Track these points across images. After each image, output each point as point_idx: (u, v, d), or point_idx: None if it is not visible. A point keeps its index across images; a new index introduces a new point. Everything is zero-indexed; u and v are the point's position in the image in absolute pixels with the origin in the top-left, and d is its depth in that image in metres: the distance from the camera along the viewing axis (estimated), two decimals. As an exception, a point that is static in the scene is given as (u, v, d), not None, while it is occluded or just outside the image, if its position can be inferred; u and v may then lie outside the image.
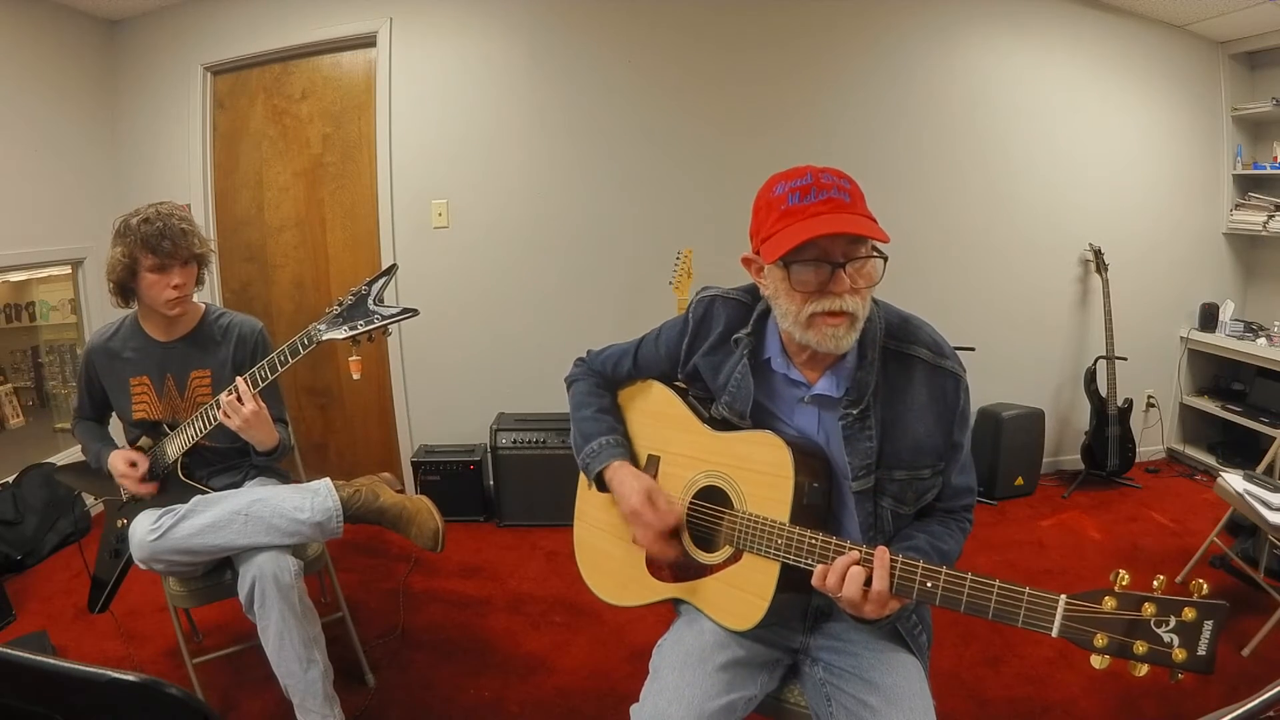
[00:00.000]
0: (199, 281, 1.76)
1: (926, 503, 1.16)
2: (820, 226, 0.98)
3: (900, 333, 1.14)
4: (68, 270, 3.17)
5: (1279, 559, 2.43)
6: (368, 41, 3.10)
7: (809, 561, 1.05)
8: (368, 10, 3.06)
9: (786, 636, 1.23)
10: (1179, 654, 0.78)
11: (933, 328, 1.16)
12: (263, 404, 1.62)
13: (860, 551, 1.00)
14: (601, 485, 1.31)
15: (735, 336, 1.20)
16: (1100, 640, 0.82)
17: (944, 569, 0.95)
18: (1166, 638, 0.79)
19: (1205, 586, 0.79)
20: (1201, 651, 0.77)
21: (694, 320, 1.25)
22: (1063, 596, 0.85)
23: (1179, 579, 2.51)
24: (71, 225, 3.08)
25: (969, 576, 0.92)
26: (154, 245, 1.62)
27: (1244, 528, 2.53)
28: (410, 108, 3.10)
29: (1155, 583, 0.82)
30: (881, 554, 0.97)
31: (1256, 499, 2.14)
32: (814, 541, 1.05)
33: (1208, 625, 0.77)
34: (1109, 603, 0.82)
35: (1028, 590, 0.88)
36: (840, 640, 1.19)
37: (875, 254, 1.03)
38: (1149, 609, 0.80)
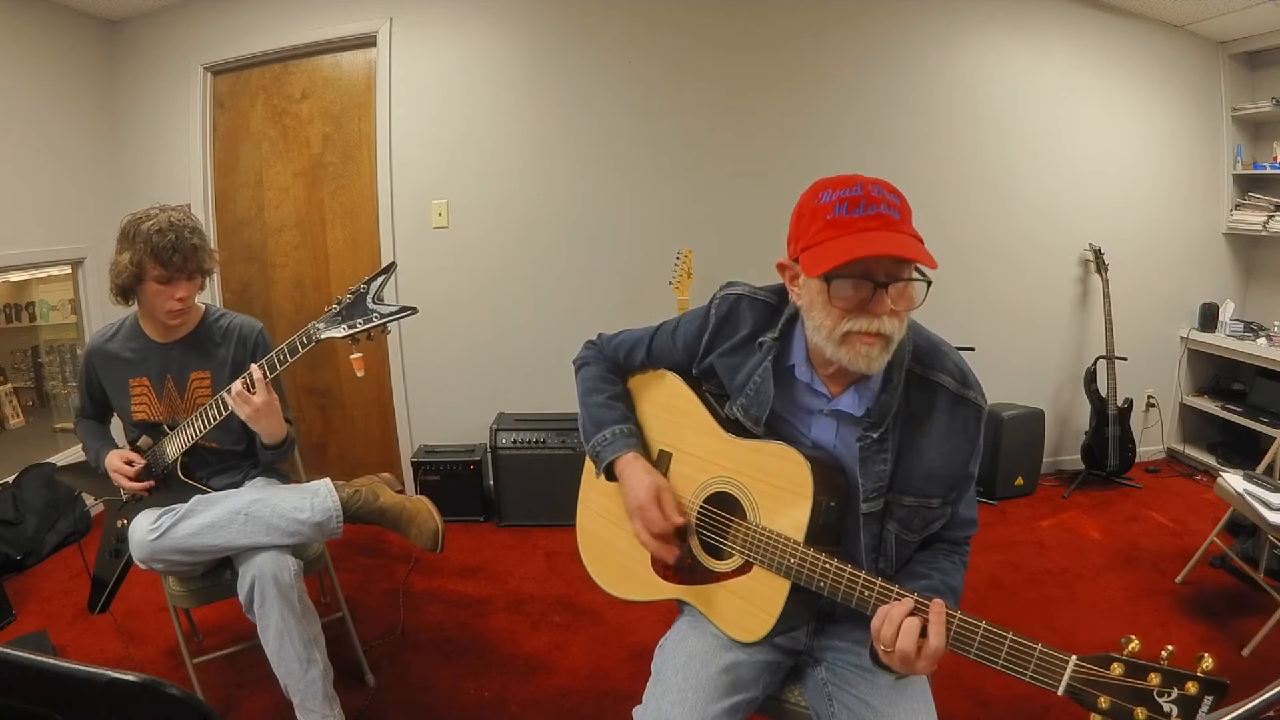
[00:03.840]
0: (199, 288, 1.76)
1: (931, 532, 1.14)
2: (868, 246, 0.95)
3: (927, 358, 1.10)
4: (68, 270, 3.17)
5: (1279, 559, 2.43)
6: (367, 41, 3.10)
7: (820, 586, 1.03)
8: (368, 10, 3.06)
9: (790, 639, 1.22)
10: None
11: (960, 356, 1.14)
12: (274, 394, 1.62)
13: (914, 600, 0.96)
14: (610, 475, 1.28)
15: (760, 339, 1.16)
16: (1104, 703, 0.84)
17: (959, 615, 0.94)
18: (1167, 708, 0.81)
19: (1210, 661, 0.81)
20: None
21: (716, 317, 1.21)
22: (1073, 658, 0.86)
23: (1179, 579, 2.51)
24: (71, 225, 3.08)
25: (982, 625, 0.92)
26: (165, 259, 1.61)
27: (1244, 528, 2.53)
28: (410, 108, 3.10)
29: (1164, 653, 0.84)
30: (939, 607, 0.93)
31: (1256, 499, 2.14)
32: (828, 567, 1.03)
33: (1208, 700, 0.80)
34: (1116, 669, 0.84)
35: (1039, 647, 0.88)
36: (843, 641, 1.19)
37: (919, 278, 1.01)
38: (1154, 678, 0.82)
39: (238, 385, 1.59)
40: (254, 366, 1.59)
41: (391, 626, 2.32)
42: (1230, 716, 0.63)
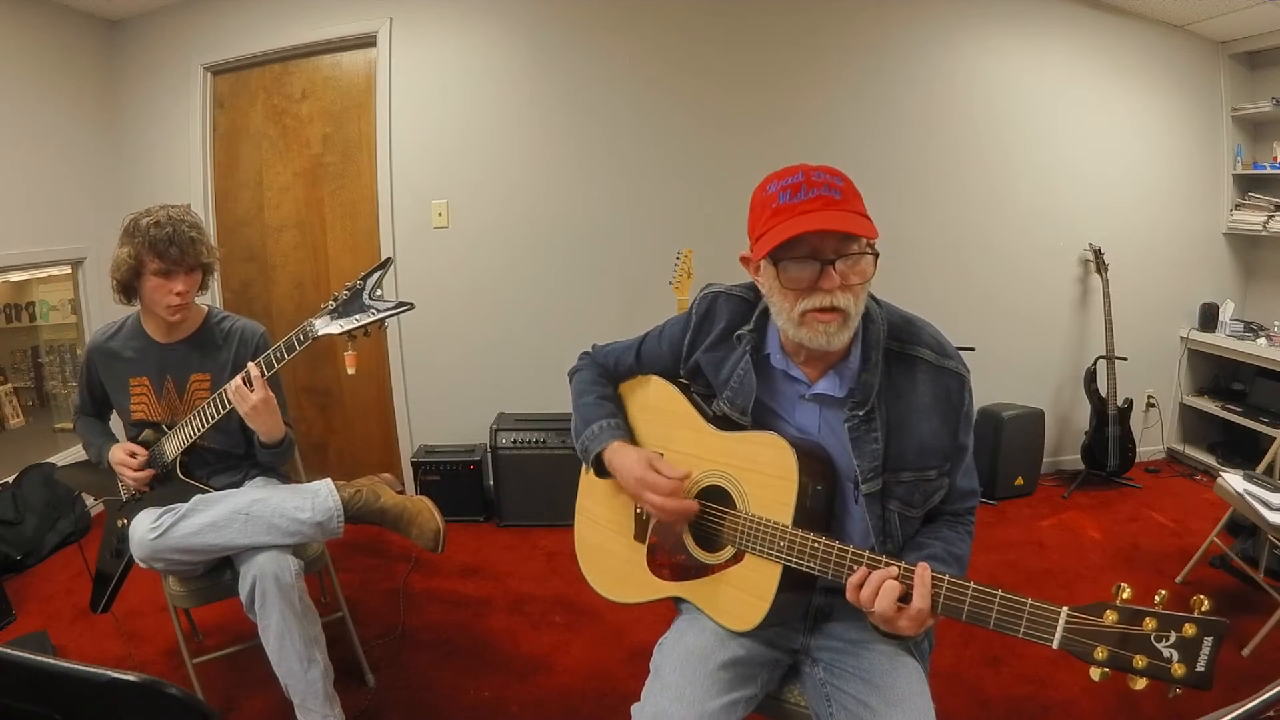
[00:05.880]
0: (203, 288, 1.76)
1: (933, 505, 1.16)
2: (808, 224, 0.99)
3: (903, 333, 1.13)
4: (68, 270, 3.17)
5: (1279, 559, 2.43)
6: (368, 41, 3.10)
7: (811, 565, 1.05)
8: (368, 10, 3.06)
9: (787, 637, 1.22)
10: (1178, 669, 0.79)
11: (936, 328, 1.17)
12: (271, 393, 1.62)
13: (899, 567, 0.97)
14: (601, 470, 1.30)
15: (738, 333, 1.20)
16: (1100, 653, 0.82)
17: (946, 578, 0.95)
18: (1166, 653, 0.79)
19: (1206, 602, 0.79)
20: (1200, 668, 0.78)
21: (697, 316, 1.26)
22: (1064, 609, 0.85)
23: (1179, 579, 2.51)
24: (71, 225, 3.08)
25: (971, 586, 0.92)
26: (161, 250, 1.61)
27: (1244, 528, 2.53)
28: (410, 108, 3.10)
29: (1157, 597, 0.82)
30: (923, 571, 0.95)
31: (1256, 499, 2.14)
32: (816, 545, 1.04)
33: (1207, 642, 0.78)
34: (1110, 616, 0.82)
35: (1030, 602, 0.87)
36: (841, 641, 1.19)
37: (867, 251, 1.03)
38: (1150, 624, 0.80)
39: (236, 381, 1.60)
40: (251, 365, 1.60)
41: (391, 626, 2.32)
42: (1230, 716, 0.63)
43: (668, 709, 1.08)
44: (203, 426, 1.68)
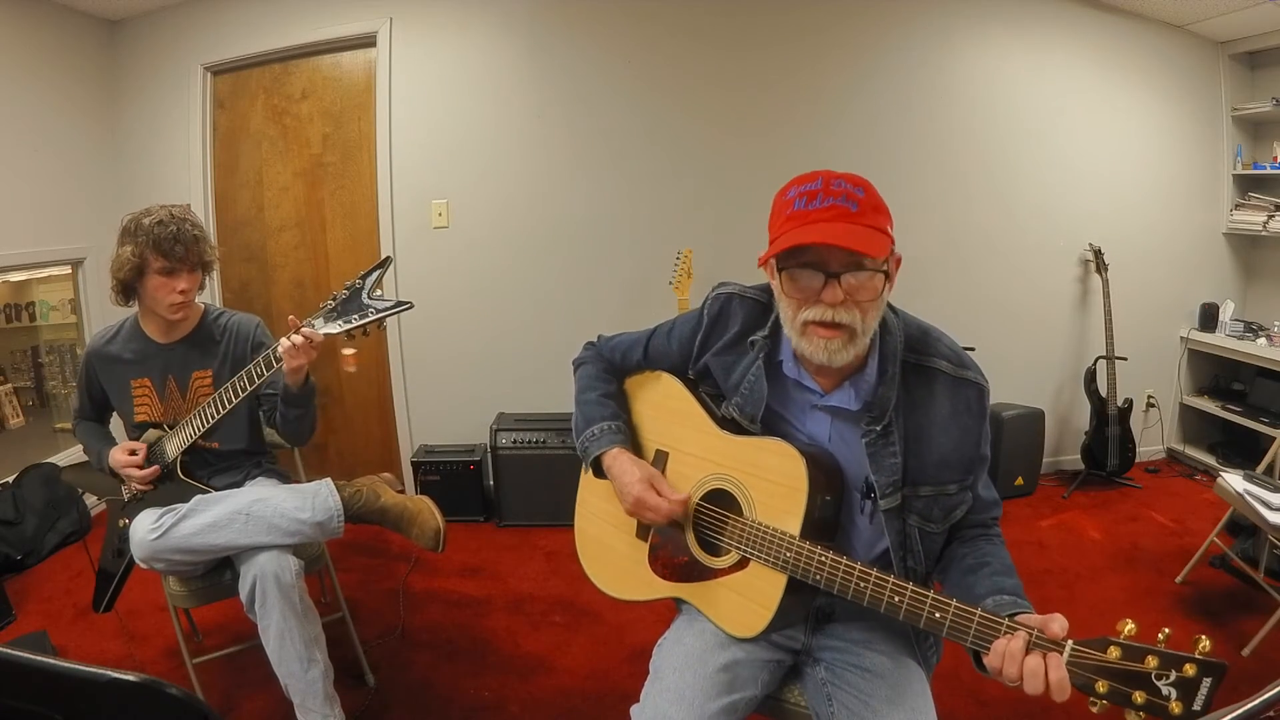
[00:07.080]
0: (200, 286, 1.76)
1: (955, 519, 1.13)
2: (812, 235, 0.97)
3: (920, 345, 1.11)
4: (68, 270, 3.17)
5: (1279, 559, 2.43)
6: (368, 41, 3.10)
7: (818, 579, 1.04)
8: (368, 10, 3.06)
9: (789, 637, 1.22)
10: (1175, 707, 0.79)
11: (952, 339, 1.14)
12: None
13: (1029, 634, 0.88)
14: (599, 471, 1.30)
15: (752, 338, 1.18)
16: (1101, 687, 0.83)
17: (953, 602, 0.94)
18: (1165, 690, 0.80)
19: (1208, 643, 0.80)
20: (1197, 707, 0.79)
21: (709, 317, 1.23)
22: (1069, 642, 0.86)
23: (1179, 579, 2.51)
24: (71, 225, 3.08)
25: (978, 612, 0.92)
26: (166, 249, 1.62)
27: (1244, 528, 2.53)
28: (410, 108, 3.10)
29: (1160, 635, 0.83)
30: (1056, 663, 0.86)
31: (1256, 499, 2.14)
32: (824, 559, 1.03)
33: (1206, 682, 0.79)
34: (1113, 652, 0.83)
35: (1035, 632, 0.88)
36: (843, 641, 1.19)
37: (876, 269, 0.99)
38: (1151, 661, 0.81)
39: (298, 339, 1.53)
40: (305, 328, 1.53)
41: (391, 626, 2.32)
42: (1230, 716, 0.63)
43: (667, 711, 1.08)
44: (204, 424, 1.68)
